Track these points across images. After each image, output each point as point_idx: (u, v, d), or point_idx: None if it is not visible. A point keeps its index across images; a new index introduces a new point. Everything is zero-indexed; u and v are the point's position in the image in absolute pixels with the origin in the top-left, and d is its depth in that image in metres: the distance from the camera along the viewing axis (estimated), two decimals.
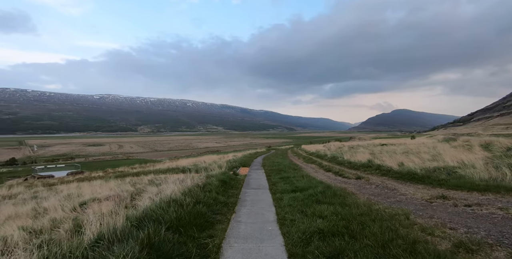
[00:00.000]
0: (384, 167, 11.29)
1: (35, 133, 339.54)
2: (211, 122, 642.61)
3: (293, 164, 16.99)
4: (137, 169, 22.18)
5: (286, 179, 9.57)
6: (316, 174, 12.19)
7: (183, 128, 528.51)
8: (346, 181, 9.56)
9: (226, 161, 17.57)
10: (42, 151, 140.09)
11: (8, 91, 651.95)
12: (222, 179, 8.26)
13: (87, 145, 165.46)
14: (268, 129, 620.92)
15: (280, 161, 19.16)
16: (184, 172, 14.87)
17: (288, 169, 13.13)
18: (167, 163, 24.24)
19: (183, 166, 17.43)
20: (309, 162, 18.79)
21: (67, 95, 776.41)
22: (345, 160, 15.92)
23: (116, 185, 11.67)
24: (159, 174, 14.95)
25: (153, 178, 12.38)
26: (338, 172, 11.86)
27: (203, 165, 16.31)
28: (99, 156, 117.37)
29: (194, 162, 20.69)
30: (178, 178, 10.77)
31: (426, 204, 5.81)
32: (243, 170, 14.00)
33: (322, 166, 15.09)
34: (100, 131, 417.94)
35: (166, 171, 16.84)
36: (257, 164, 18.54)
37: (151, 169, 18.66)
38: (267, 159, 23.26)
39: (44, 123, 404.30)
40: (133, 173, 17.99)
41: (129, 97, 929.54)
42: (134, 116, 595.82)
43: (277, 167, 14.30)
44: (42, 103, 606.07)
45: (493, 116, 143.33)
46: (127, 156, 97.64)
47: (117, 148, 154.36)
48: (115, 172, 20.61)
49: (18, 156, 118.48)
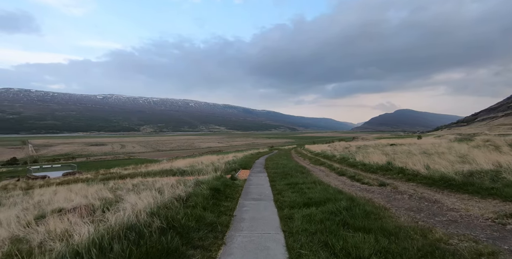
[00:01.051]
0: (408, 170, 9.53)
1: (38, 133, 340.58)
2: (214, 122, 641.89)
3: (299, 166, 15.12)
4: (129, 170, 20.60)
5: (294, 185, 7.87)
6: (328, 178, 10.49)
7: (185, 128, 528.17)
8: (368, 189, 7.82)
9: (225, 163, 15.94)
10: (44, 151, 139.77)
11: (12, 91, 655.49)
12: (215, 187, 6.54)
13: (90, 145, 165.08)
14: (271, 129, 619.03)
15: (285, 162, 17.36)
16: (177, 175, 13.33)
17: (295, 172, 11.45)
18: (163, 164, 22.69)
19: (177, 168, 15.84)
20: (317, 164, 16.99)
21: (71, 95, 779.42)
22: (357, 161, 14.19)
23: (96, 190, 10.09)
24: (149, 177, 13.36)
25: (140, 182, 10.76)
26: (354, 177, 10.11)
27: (199, 167, 14.68)
28: (101, 156, 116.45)
29: (191, 163, 19.08)
30: (167, 182, 9.27)
31: (497, 228, 4.08)
32: (242, 174, 12.48)
33: (333, 169, 13.33)
34: (103, 131, 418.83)
35: (158, 173, 15.28)
36: (259, 166, 16.83)
37: (143, 171, 17.09)
38: (270, 160, 21.55)
39: (47, 123, 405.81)
40: (123, 175, 16.40)
41: (132, 97, 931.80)
42: (137, 116, 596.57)
43: (281, 170, 12.61)
44: (46, 103, 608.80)
45: (498, 116, 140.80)
46: (129, 156, 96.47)
47: (119, 148, 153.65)
48: (105, 174, 19.06)
49: (20, 156, 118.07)
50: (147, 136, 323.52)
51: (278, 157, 25.15)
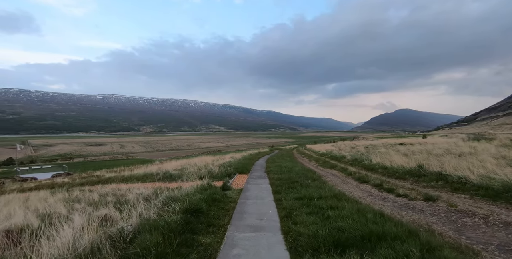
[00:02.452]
0: (451, 177, 7.32)
1: (38, 133, 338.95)
2: (214, 122, 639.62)
3: (307, 170, 12.71)
4: (114, 173, 18.34)
5: (308, 201, 5.62)
6: (346, 187, 8.30)
7: (185, 128, 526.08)
8: (411, 206, 5.59)
9: (219, 165, 13.96)
10: (43, 151, 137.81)
11: (11, 91, 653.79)
12: (194, 207, 4.31)
13: (89, 145, 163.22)
14: (271, 129, 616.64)
15: (289, 165, 14.99)
16: (162, 180, 11.27)
17: (304, 178, 9.17)
18: (153, 166, 20.53)
19: (165, 171, 13.55)
20: (326, 167, 14.70)
21: (71, 95, 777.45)
22: (374, 164, 12.03)
23: (54, 201, 8.01)
24: (130, 183, 11.29)
25: (111, 191, 8.68)
26: (381, 185, 7.83)
27: (189, 171, 12.45)
28: (100, 156, 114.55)
29: (183, 165, 16.78)
30: (142, 192, 7.30)
31: None
32: (238, 180, 10.40)
33: (348, 173, 11.31)
34: (103, 131, 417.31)
35: (141, 178, 13.17)
36: (258, 169, 14.66)
37: (125, 175, 14.77)
38: (271, 162, 19.36)
39: (47, 123, 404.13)
40: (103, 180, 14.27)
41: (132, 97, 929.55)
42: (137, 116, 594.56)
43: (287, 176, 10.23)
44: (46, 103, 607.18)
45: (499, 116, 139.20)
46: (127, 156, 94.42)
47: (119, 148, 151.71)
48: (87, 177, 16.90)
49: (19, 156, 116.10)
50: (147, 136, 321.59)
51: (281, 158, 22.94)
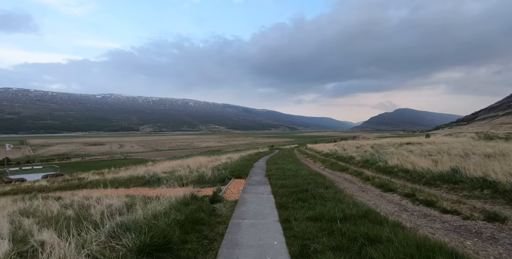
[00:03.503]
0: (504, 185, 5.70)
1: (37, 133, 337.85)
2: (213, 122, 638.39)
3: (314, 173, 10.86)
4: (100, 175, 16.62)
5: (329, 224, 3.96)
6: (367, 196, 6.63)
7: (185, 128, 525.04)
8: (474, 230, 3.92)
9: (213, 168, 12.30)
10: (42, 151, 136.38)
11: (11, 91, 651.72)
12: (155, 243, 2.63)
13: (88, 145, 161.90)
14: (270, 129, 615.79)
15: (293, 167, 13.23)
16: (147, 185, 9.78)
17: (314, 185, 7.52)
18: (144, 167, 18.88)
19: (152, 174, 11.87)
20: (335, 169, 12.91)
21: (70, 95, 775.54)
22: (391, 166, 10.17)
23: (5, 215, 6.54)
24: (106, 189, 9.81)
25: (79, 200, 7.21)
26: (413, 196, 6.16)
27: (179, 174, 10.93)
28: (98, 155, 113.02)
29: (175, 166, 15.06)
30: (111, 204, 6.02)
31: None
32: (234, 187, 8.64)
33: (365, 178, 9.43)
34: (102, 130, 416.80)
35: (124, 182, 11.69)
36: (258, 173, 12.87)
37: (109, 178, 13.11)
38: (272, 163, 17.60)
39: (46, 123, 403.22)
40: (82, 184, 12.64)
41: (131, 96, 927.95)
42: (136, 115, 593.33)
43: (292, 181, 8.48)
44: (45, 102, 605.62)
45: (499, 115, 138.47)
46: (125, 156, 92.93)
47: (118, 148, 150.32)
48: (69, 180, 15.33)
49: (17, 156, 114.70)
50: (147, 135, 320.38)
51: (282, 159, 21.25)
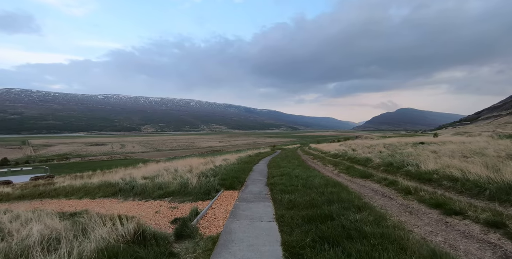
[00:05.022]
0: None
1: (39, 133, 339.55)
2: (215, 122, 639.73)
3: (331, 182, 8.37)
4: (77, 179, 16.41)
5: None
6: (429, 226, 4.48)
7: (186, 128, 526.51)
8: None
9: (199, 174, 10.98)
10: (43, 151, 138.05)
11: (13, 91, 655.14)
12: None
13: (89, 145, 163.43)
14: (272, 128, 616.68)
15: (301, 172, 11.13)
16: (116, 195, 9.81)
17: (340, 205, 5.26)
18: (128, 170, 18.03)
19: (130, 180, 11.64)
20: (354, 175, 10.55)
21: (72, 95, 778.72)
22: (428, 172, 8.05)
23: None
24: (61, 199, 10.37)
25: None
26: (509, 228, 4.02)
27: (160, 180, 10.38)
28: (98, 156, 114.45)
29: (162, 170, 14.54)
30: (30, 235, 5.24)
31: None
32: (220, 205, 6.56)
33: (406, 192, 6.84)
34: (104, 130, 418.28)
35: (91, 191, 11.28)
36: (257, 180, 10.78)
37: (77, 185, 12.88)
38: (275, 167, 15.50)
39: (48, 123, 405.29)
40: (47, 191, 12.86)
41: (133, 97, 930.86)
42: (138, 115, 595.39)
43: (305, 197, 6.33)
44: (47, 103, 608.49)
45: (502, 115, 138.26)
46: (125, 156, 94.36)
47: (119, 148, 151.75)
48: (39, 185, 15.04)
49: (18, 156, 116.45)
50: (148, 135, 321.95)
51: (286, 161, 19.24)
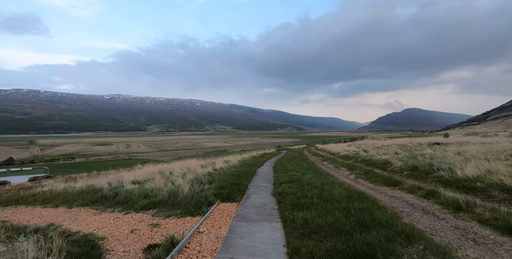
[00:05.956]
0: None
1: (47, 133, 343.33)
2: (220, 122, 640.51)
3: (355, 193, 6.90)
4: (65, 182, 15.40)
5: None
6: None
7: (192, 128, 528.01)
8: None
9: (192, 180, 9.77)
10: (50, 150, 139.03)
11: (21, 92, 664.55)
12: None
13: (95, 145, 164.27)
14: (277, 129, 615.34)
15: (314, 179, 9.35)
16: (99, 202, 8.84)
17: (378, 233, 3.87)
18: (123, 172, 17.26)
19: (117, 185, 10.63)
20: (377, 182, 8.96)
21: (79, 96, 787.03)
22: (468, 179, 6.78)
23: None
24: (43, 208, 9.18)
25: None
26: None
27: (149, 186, 9.34)
28: (104, 155, 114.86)
29: (157, 172, 13.52)
30: None
31: None
32: (211, 227, 5.27)
33: (456, 207, 5.32)
34: (110, 130, 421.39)
35: (70, 198, 9.99)
36: (261, 188, 9.26)
37: (58, 190, 11.65)
38: (281, 170, 14.17)
39: (56, 123, 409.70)
40: (25, 196, 11.79)
41: (139, 97, 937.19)
42: (144, 116, 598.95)
43: (326, 215, 5.08)
44: (54, 103, 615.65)
45: (511, 115, 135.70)
46: (130, 156, 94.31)
47: (125, 148, 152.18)
48: (22, 189, 13.52)
49: (25, 156, 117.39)
50: (154, 135, 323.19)
51: (294, 163, 17.68)
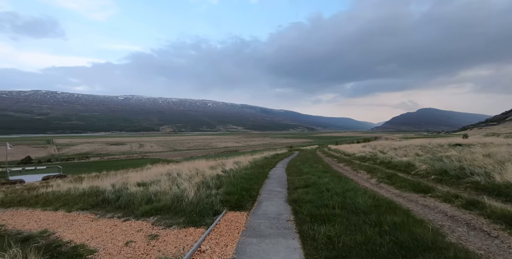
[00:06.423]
0: None
1: (63, 133, 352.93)
2: (231, 122, 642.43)
3: (383, 200, 5.84)
4: (70, 183, 14.59)
5: None
6: None
7: (203, 128, 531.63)
8: None
9: (199, 183, 8.78)
10: (66, 150, 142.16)
11: (39, 93, 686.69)
12: None
13: (110, 144, 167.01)
14: (288, 129, 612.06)
15: (333, 184, 8.05)
16: (100, 206, 8.01)
17: None
18: (131, 173, 16.81)
19: (121, 187, 9.55)
20: (403, 188, 7.76)
21: (94, 97, 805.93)
22: None
23: None
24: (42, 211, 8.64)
25: None
26: None
27: (155, 189, 8.44)
28: (117, 155, 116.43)
29: (164, 173, 12.86)
30: None
31: None
32: (216, 244, 4.16)
33: (506, 221, 4.27)
34: (124, 130, 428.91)
35: (71, 201, 9.18)
36: (274, 193, 8.20)
37: (61, 192, 10.82)
38: (295, 172, 12.86)
39: (72, 123, 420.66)
40: (27, 198, 11.04)
41: (152, 97, 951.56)
42: (157, 116, 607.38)
43: (357, 238, 3.78)
44: (71, 104, 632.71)
45: None
46: (142, 156, 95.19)
47: (138, 147, 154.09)
48: (28, 189, 13.24)
49: (42, 155, 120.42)
50: (166, 135, 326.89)
51: (308, 165, 16.44)
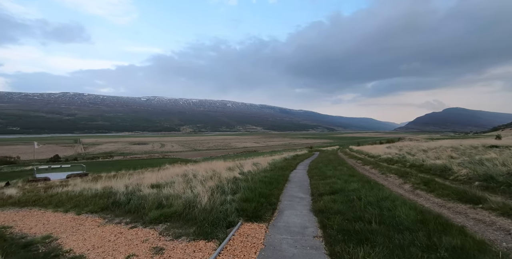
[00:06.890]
0: None
1: (90, 133, 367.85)
2: (251, 122, 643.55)
3: (429, 213, 4.76)
4: (88, 183, 14.28)
5: None
6: None
7: (223, 128, 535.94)
8: None
9: (213, 188, 7.91)
10: (92, 149, 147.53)
11: (68, 95, 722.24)
12: None
13: (133, 144, 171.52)
14: (308, 129, 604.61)
15: (364, 190, 6.95)
16: (110, 209, 7.65)
17: None
18: (147, 174, 16.34)
19: (134, 188, 9.34)
20: (447, 197, 6.48)
21: (118, 98, 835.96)
22: None
23: None
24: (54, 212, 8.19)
25: None
26: None
27: (168, 192, 7.88)
28: (140, 154, 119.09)
29: (180, 174, 12.15)
30: None
31: None
32: None
33: None
34: (146, 130, 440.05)
35: (82, 202, 8.83)
36: (297, 199, 7.19)
37: (75, 192, 10.47)
38: (319, 176, 11.51)
39: (97, 124, 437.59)
40: (42, 198, 10.75)
41: (173, 98, 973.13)
42: (177, 116, 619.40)
43: None
44: (97, 105, 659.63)
45: None
46: (163, 155, 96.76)
47: (159, 147, 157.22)
48: (43, 189, 13.20)
49: (69, 153, 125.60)
50: (186, 135, 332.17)
51: (331, 167, 14.91)
